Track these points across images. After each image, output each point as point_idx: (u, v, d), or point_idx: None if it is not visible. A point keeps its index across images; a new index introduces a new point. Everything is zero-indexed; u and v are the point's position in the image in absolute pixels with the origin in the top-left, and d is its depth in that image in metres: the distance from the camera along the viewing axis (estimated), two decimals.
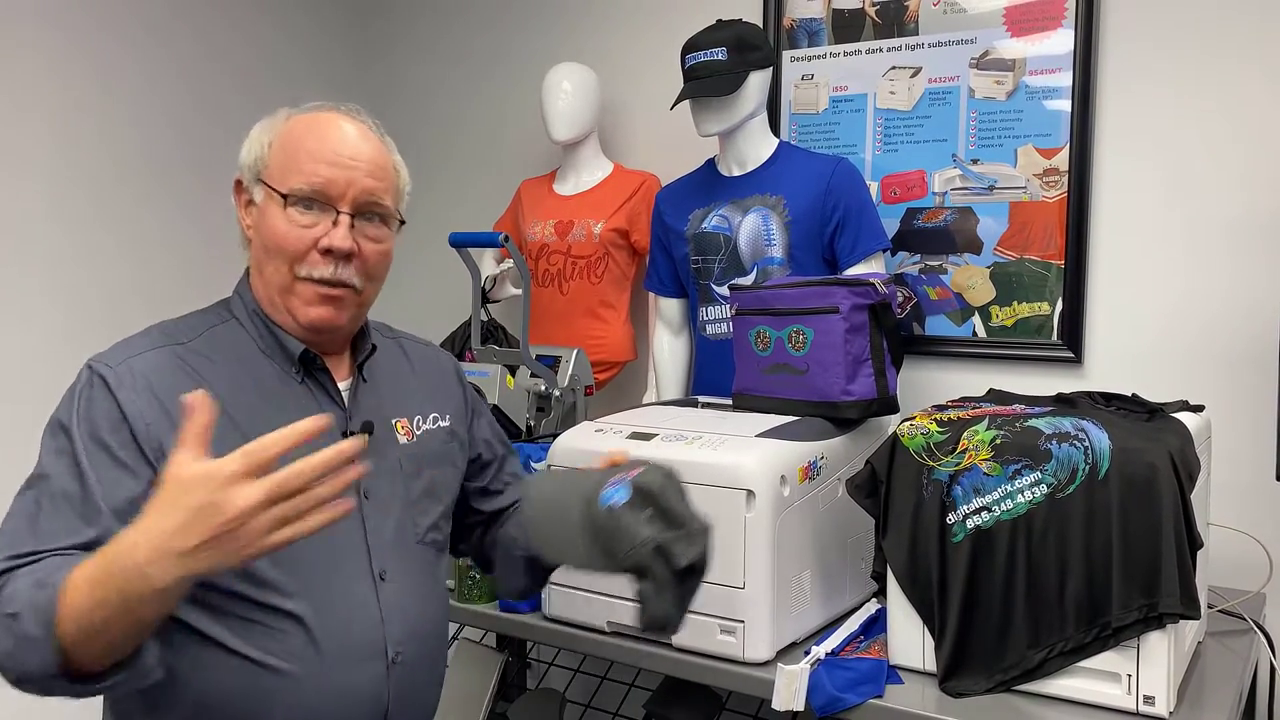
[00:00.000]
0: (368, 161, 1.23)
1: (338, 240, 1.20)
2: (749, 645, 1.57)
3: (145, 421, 1.13)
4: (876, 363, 1.78)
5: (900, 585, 1.54)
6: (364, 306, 1.29)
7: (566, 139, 2.56)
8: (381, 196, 1.24)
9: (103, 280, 2.54)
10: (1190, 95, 2.06)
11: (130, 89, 2.58)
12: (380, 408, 1.32)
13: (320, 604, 1.18)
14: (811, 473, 1.64)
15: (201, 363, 1.21)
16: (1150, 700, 1.40)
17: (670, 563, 1.17)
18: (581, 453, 1.70)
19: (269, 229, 1.21)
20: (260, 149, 1.24)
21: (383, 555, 1.25)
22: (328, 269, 1.21)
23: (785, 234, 2.15)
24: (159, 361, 1.19)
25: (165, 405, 1.14)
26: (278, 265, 1.22)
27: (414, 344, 1.49)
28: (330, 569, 1.18)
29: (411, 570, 1.29)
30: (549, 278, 2.60)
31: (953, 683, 1.49)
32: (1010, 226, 2.22)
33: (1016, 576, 1.46)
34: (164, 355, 1.20)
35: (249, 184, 1.25)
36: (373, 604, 1.23)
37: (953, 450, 1.50)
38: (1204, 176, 2.05)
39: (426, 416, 1.39)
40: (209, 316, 1.28)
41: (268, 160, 1.23)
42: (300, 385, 1.25)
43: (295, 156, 1.21)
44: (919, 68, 2.30)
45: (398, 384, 1.38)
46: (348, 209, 1.21)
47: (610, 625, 1.70)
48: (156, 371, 1.17)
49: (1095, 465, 1.42)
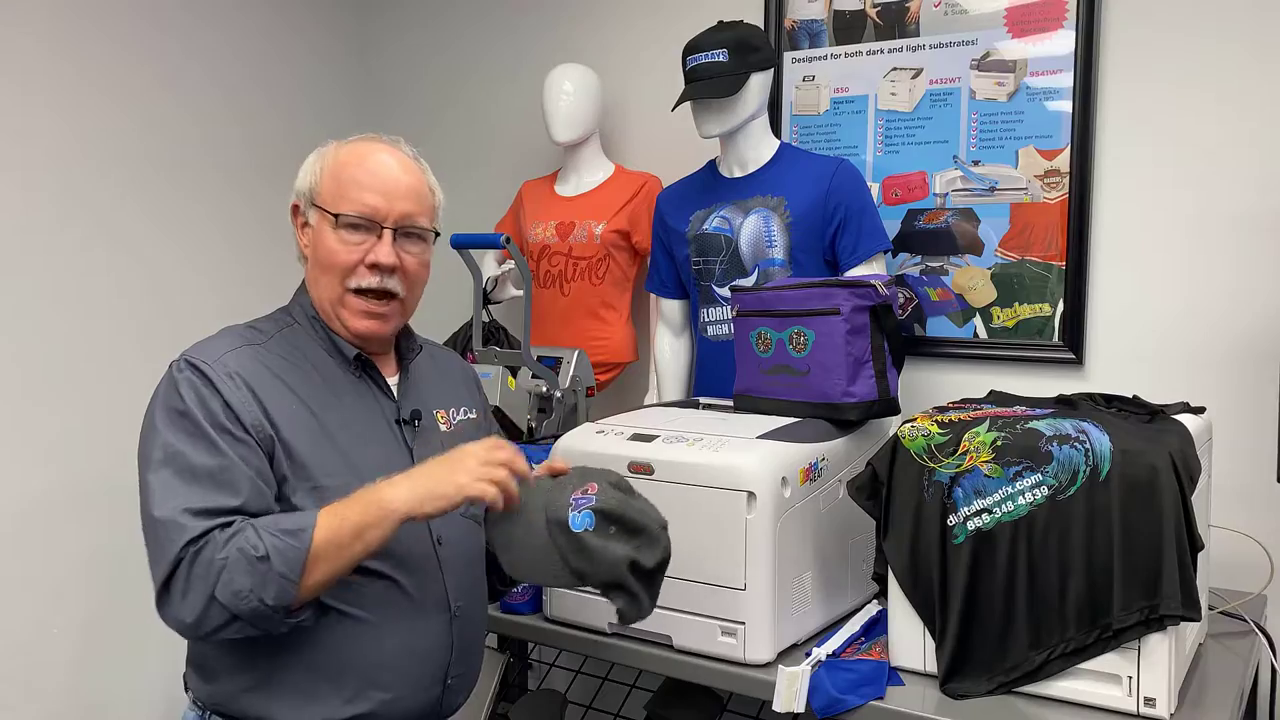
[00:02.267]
0: (407, 189, 1.43)
1: (383, 256, 1.40)
2: (750, 647, 1.57)
3: (246, 408, 1.32)
4: (878, 364, 1.79)
5: (901, 587, 1.55)
6: (407, 313, 1.49)
7: (568, 140, 2.56)
8: (419, 218, 1.45)
9: (119, 277, 2.55)
10: (1191, 96, 2.06)
11: (131, 87, 2.59)
12: (424, 399, 1.52)
13: (397, 564, 1.38)
14: (812, 474, 1.64)
15: (276, 360, 1.40)
16: (1151, 702, 1.40)
17: (640, 570, 1.33)
18: (584, 454, 1.70)
19: (323, 248, 1.42)
20: (314, 177, 1.45)
21: (438, 524, 1.42)
22: (374, 279, 1.41)
23: (786, 235, 2.15)
24: (244, 358, 1.37)
25: (256, 394, 1.34)
26: (330, 280, 1.42)
27: (436, 349, 1.67)
28: (402, 534, 1.32)
29: (461, 537, 1.48)
30: (550, 279, 2.60)
31: (954, 684, 1.49)
32: (1011, 228, 2.22)
33: (1017, 578, 1.46)
34: (247, 353, 1.38)
35: (304, 208, 1.46)
36: (435, 565, 1.43)
37: (954, 452, 1.50)
38: (1206, 177, 2.05)
39: (459, 409, 1.58)
40: (277, 321, 1.47)
41: (320, 188, 1.43)
42: (358, 380, 1.46)
43: (345, 185, 1.41)
44: (920, 69, 2.30)
45: (433, 381, 1.57)
46: (391, 229, 1.41)
47: (611, 627, 1.70)
48: (244, 366, 1.36)
49: (1096, 467, 1.42)
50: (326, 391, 1.42)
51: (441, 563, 1.45)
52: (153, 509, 1.27)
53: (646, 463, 1.63)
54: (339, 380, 1.44)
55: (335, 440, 1.38)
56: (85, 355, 2.50)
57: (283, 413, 1.36)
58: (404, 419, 1.48)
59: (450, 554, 1.46)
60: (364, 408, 1.45)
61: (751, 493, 1.54)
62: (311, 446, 1.36)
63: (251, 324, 1.47)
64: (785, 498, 1.57)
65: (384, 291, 1.42)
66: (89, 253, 2.50)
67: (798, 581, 1.62)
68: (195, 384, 1.33)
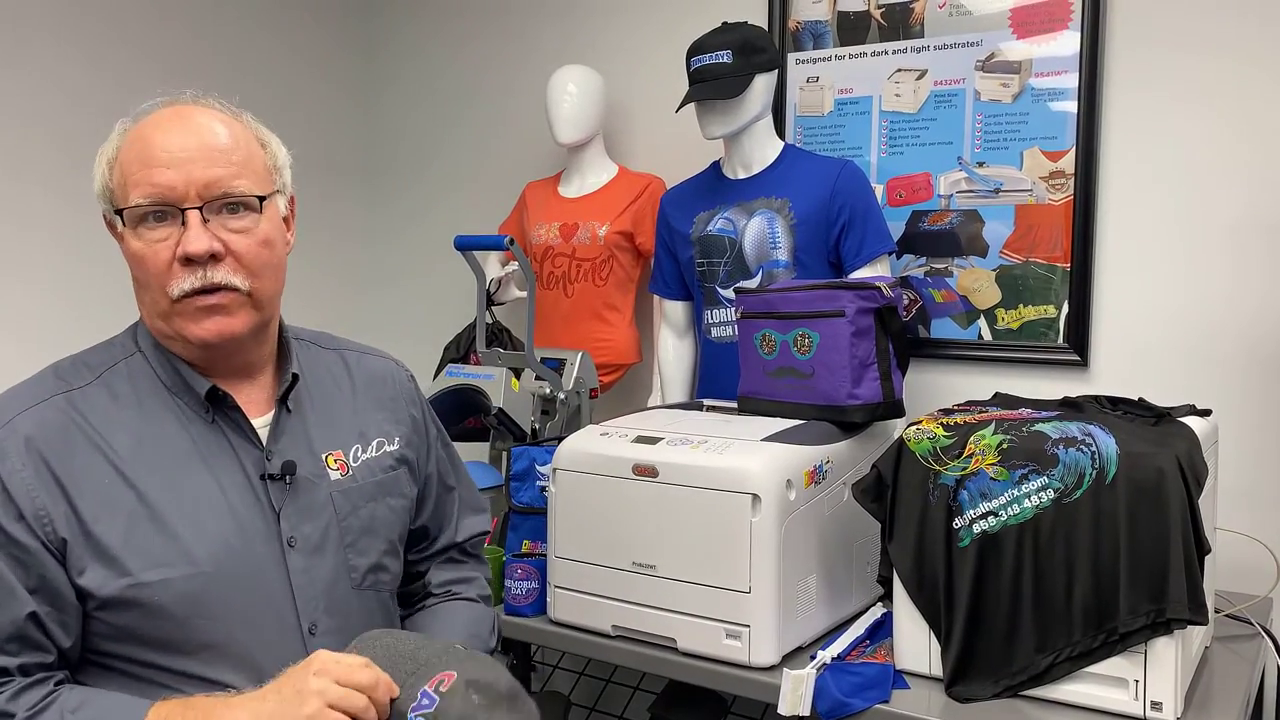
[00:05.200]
0: (201, 148, 1.10)
1: (190, 244, 1.08)
2: (754, 650, 1.57)
3: (31, 496, 1.06)
4: (882, 366, 1.78)
5: (906, 590, 1.54)
6: (263, 309, 1.16)
7: (571, 141, 2.55)
8: (232, 182, 1.11)
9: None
10: (1197, 97, 2.05)
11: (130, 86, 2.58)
12: (309, 441, 1.22)
13: (246, 667, 1.10)
14: (817, 477, 1.63)
15: (95, 412, 1.12)
16: (1158, 706, 1.39)
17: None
18: (587, 456, 1.70)
19: (130, 256, 1.12)
20: (103, 175, 1.14)
21: (313, 607, 1.16)
22: (194, 278, 1.10)
23: (790, 237, 2.15)
24: (45, 418, 1.10)
25: (54, 471, 1.07)
26: (152, 293, 1.12)
27: (362, 356, 1.35)
28: (253, 629, 1.11)
29: (350, 621, 1.18)
30: (554, 280, 2.60)
31: (959, 688, 1.49)
32: (1016, 229, 2.21)
33: (1023, 581, 1.46)
34: (52, 409, 1.11)
35: (110, 216, 1.15)
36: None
37: (959, 454, 1.50)
38: (1211, 179, 2.05)
39: (368, 444, 1.26)
40: (112, 351, 1.18)
41: (111, 183, 1.13)
42: (211, 425, 1.15)
43: (129, 170, 1.11)
44: (924, 70, 2.30)
45: (331, 408, 1.26)
46: (195, 206, 1.09)
47: (615, 629, 1.70)
48: (43, 431, 1.09)
49: (1102, 470, 1.42)
50: (160, 452, 1.12)
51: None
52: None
53: (651, 465, 1.62)
54: (180, 434, 1.14)
55: (164, 520, 1.09)
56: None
57: (89, 491, 1.07)
58: (270, 474, 1.16)
59: (328, 647, 1.08)
60: (216, 464, 1.14)
61: (756, 495, 1.53)
62: (127, 532, 1.07)
63: (80, 357, 1.18)
64: (790, 500, 1.56)
65: (212, 288, 1.10)
66: (88, 253, 2.51)
67: (802, 584, 1.62)
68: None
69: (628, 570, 1.66)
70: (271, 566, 1.14)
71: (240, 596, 1.10)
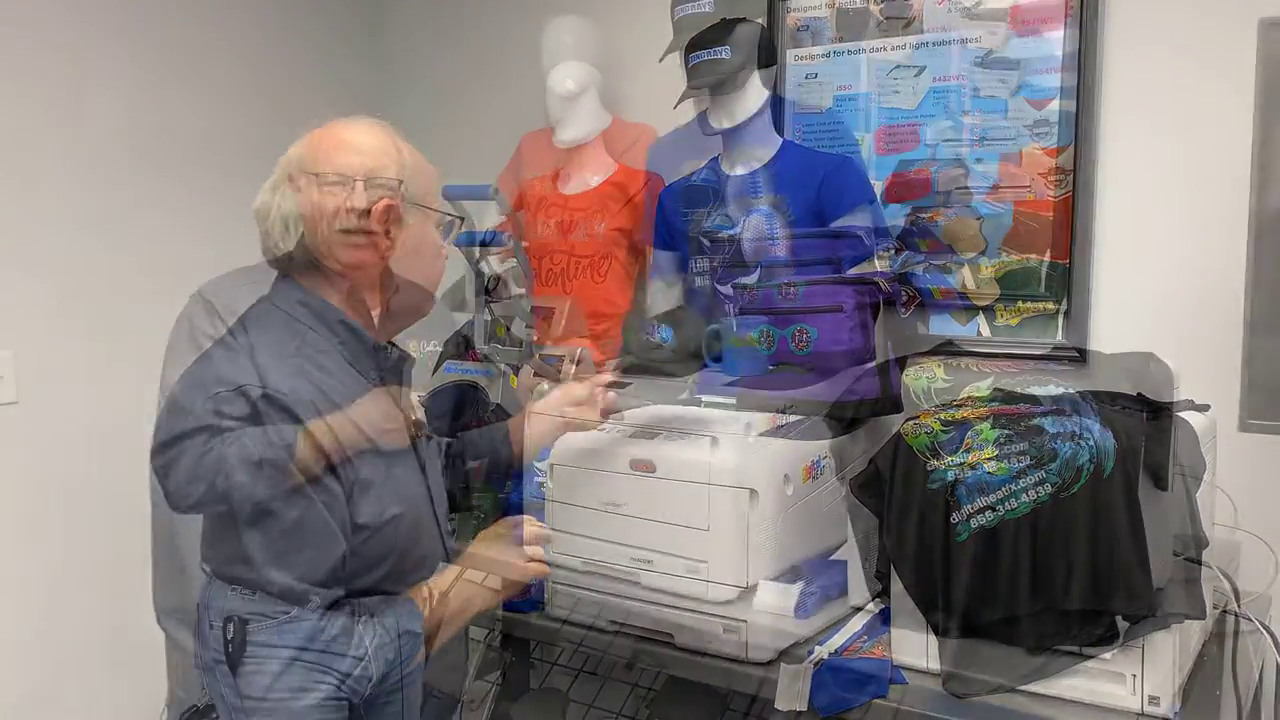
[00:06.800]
0: (370, 149, 1.61)
1: (356, 199, 1.56)
2: (752, 645, 1.57)
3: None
4: (880, 361, 1.78)
5: (904, 584, 1.54)
6: (389, 252, 1.60)
7: (572, 142, 2.55)
8: (383, 171, 1.59)
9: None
10: (1194, 93, 2.05)
11: (142, 82, 2.59)
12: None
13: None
14: (815, 472, 1.64)
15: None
16: (1155, 700, 1.39)
17: None
18: (584, 452, 1.70)
19: (313, 202, 1.57)
20: (299, 150, 1.63)
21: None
22: (353, 219, 1.56)
23: (789, 232, 2.15)
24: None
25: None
26: (322, 228, 1.56)
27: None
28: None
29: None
30: (552, 277, 2.59)
31: (956, 682, 1.49)
32: (1014, 225, 2.21)
33: (1020, 576, 1.45)
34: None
35: (295, 176, 1.61)
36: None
37: (957, 449, 1.50)
38: (1208, 174, 2.04)
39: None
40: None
41: (304, 158, 1.61)
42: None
43: (322, 151, 1.60)
44: (923, 67, 2.29)
45: None
46: (360, 179, 1.57)
47: (612, 624, 1.70)
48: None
49: (1100, 464, 1.41)
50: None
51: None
52: None
53: (648, 460, 1.62)
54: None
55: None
56: (86, 355, 2.51)
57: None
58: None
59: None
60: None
61: (754, 490, 1.53)
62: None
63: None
64: (788, 495, 1.56)
65: (362, 230, 1.56)
66: (93, 248, 2.51)
67: (800, 579, 1.62)
68: None
69: (625, 565, 1.66)
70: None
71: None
